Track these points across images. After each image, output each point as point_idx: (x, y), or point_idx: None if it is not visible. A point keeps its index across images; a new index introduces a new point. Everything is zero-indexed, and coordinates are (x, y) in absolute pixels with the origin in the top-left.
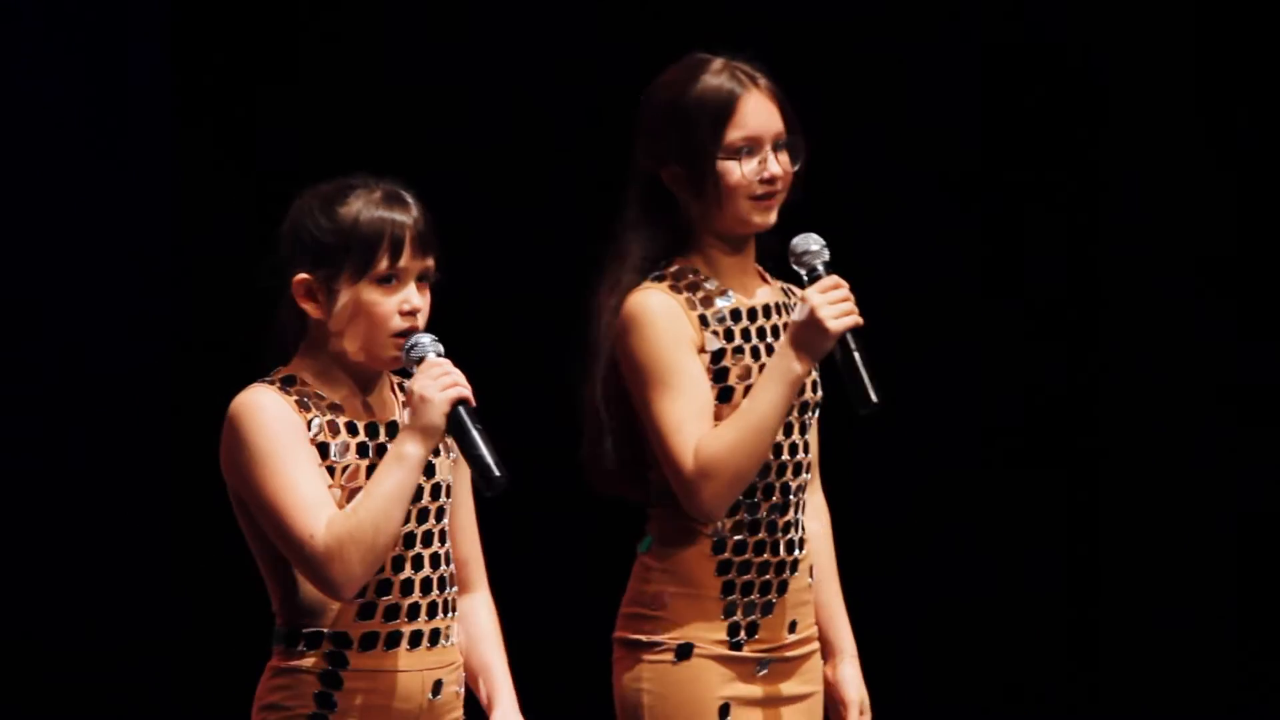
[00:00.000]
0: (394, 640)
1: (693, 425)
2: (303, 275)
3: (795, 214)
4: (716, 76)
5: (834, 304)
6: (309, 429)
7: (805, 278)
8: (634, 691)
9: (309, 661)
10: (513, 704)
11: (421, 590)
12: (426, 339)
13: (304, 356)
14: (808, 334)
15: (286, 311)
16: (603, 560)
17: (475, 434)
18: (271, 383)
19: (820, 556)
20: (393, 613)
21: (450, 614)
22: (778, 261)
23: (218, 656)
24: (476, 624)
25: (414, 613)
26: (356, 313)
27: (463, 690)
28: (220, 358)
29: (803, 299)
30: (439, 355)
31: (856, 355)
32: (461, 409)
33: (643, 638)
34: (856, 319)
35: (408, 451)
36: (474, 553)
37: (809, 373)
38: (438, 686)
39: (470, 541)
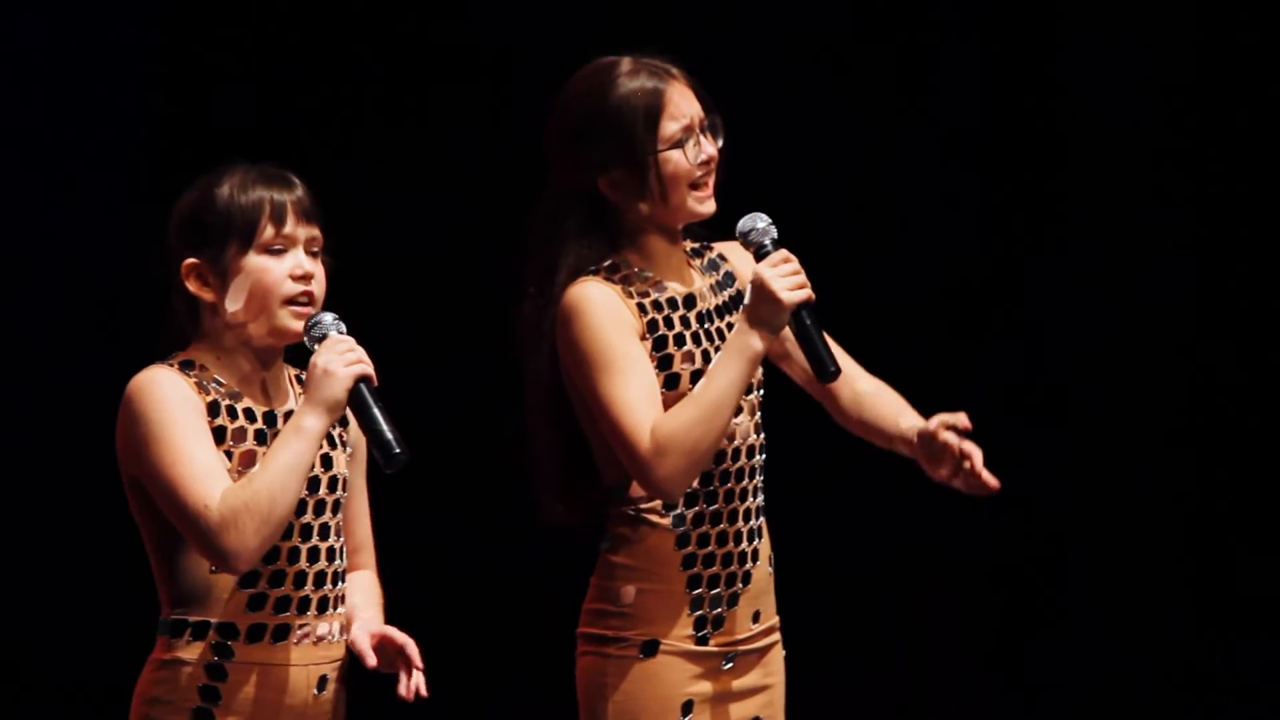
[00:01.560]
0: (282, 633)
1: (644, 406)
2: (191, 260)
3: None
4: (633, 78)
5: (785, 277)
6: (207, 411)
7: (754, 256)
8: (598, 687)
9: (193, 653)
10: (376, 621)
11: (314, 584)
12: (328, 318)
13: (200, 343)
14: (763, 309)
15: (179, 301)
16: (564, 556)
17: (376, 410)
18: (170, 365)
19: (884, 394)
20: (283, 605)
21: (340, 607)
22: (702, 235)
23: (99, 649)
24: (357, 589)
25: (304, 606)
26: (248, 285)
27: (344, 686)
28: None
29: (756, 278)
30: (341, 333)
31: (811, 327)
32: (363, 386)
33: (608, 633)
34: (809, 292)
35: (307, 424)
36: (367, 540)
37: (767, 348)
38: (323, 682)
39: (364, 528)
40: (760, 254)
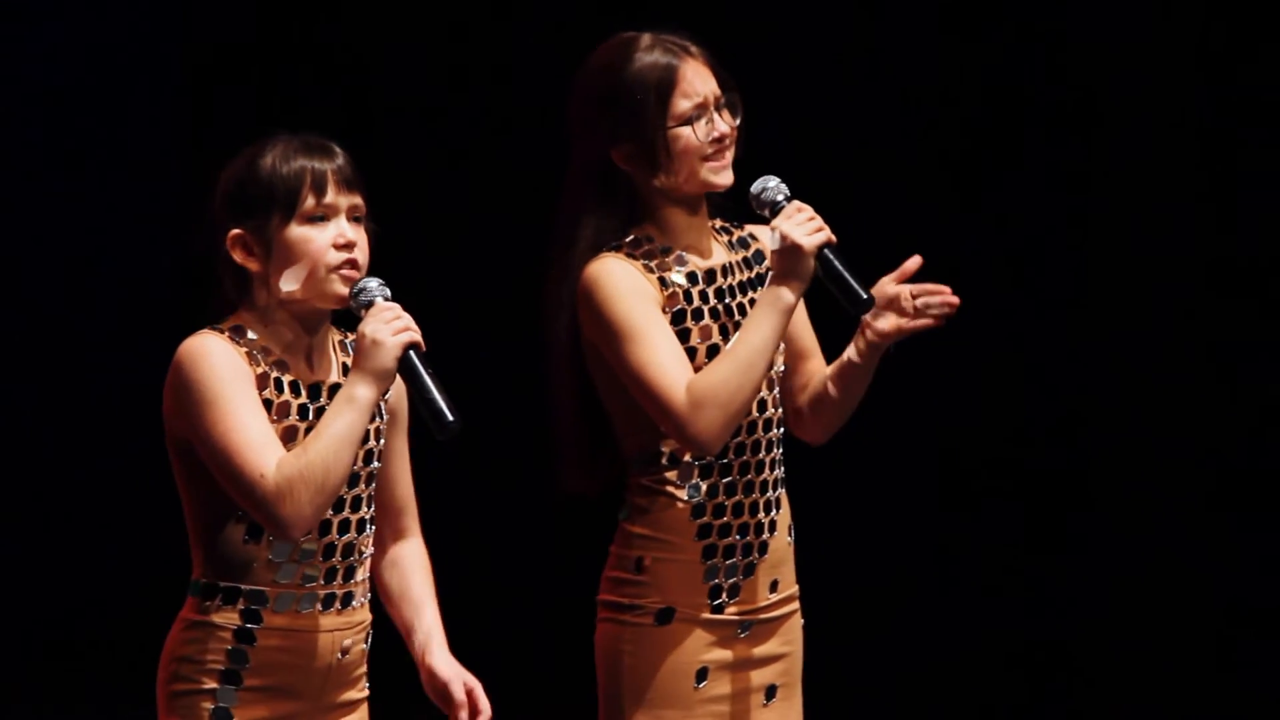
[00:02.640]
0: (309, 601)
1: (675, 365)
2: (235, 230)
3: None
4: (650, 53)
5: (802, 224)
6: (257, 383)
7: (770, 214)
8: (615, 653)
9: (224, 617)
10: (443, 647)
11: (342, 554)
12: (374, 284)
13: (247, 311)
14: (788, 261)
15: (225, 271)
16: (587, 525)
17: (427, 377)
18: (220, 331)
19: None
20: (311, 576)
21: (365, 575)
22: (732, 213)
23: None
24: (411, 569)
25: (330, 576)
26: (293, 254)
27: (368, 648)
28: None
29: (773, 230)
30: (387, 299)
31: (837, 262)
32: (412, 353)
33: (624, 600)
34: (828, 233)
35: (359, 394)
36: (409, 501)
37: (799, 299)
38: (346, 647)
39: (406, 489)
40: (775, 211)
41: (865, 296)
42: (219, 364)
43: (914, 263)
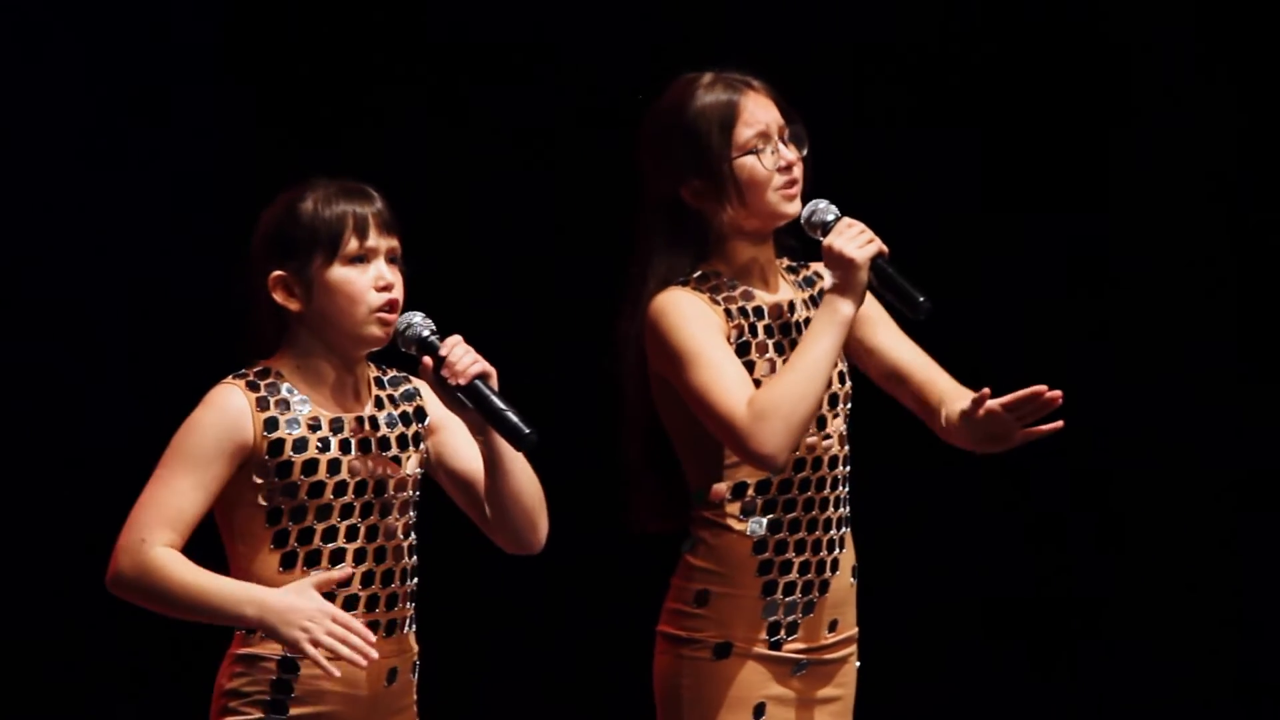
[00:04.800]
0: None
1: (738, 385)
2: (277, 272)
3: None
4: (710, 90)
5: (853, 238)
6: (264, 427)
7: (822, 234)
8: (674, 686)
9: (267, 649)
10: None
11: (382, 582)
12: (418, 317)
13: (285, 352)
14: (842, 275)
15: (263, 312)
16: (651, 557)
17: (496, 400)
18: (241, 379)
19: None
20: (351, 604)
21: (409, 604)
22: (799, 253)
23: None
24: None
25: (372, 603)
26: (333, 295)
27: (416, 678)
28: None
29: (826, 249)
30: (432, 331)
31: (891, 270)
32: (479, 382)
33: (683, 634)
34: (879, 245)
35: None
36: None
37: (856, 311)
38: (392, 674)
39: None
40: (826, 230)
41: (922, 300)
42: (202, 422)
43: (983, 394)
